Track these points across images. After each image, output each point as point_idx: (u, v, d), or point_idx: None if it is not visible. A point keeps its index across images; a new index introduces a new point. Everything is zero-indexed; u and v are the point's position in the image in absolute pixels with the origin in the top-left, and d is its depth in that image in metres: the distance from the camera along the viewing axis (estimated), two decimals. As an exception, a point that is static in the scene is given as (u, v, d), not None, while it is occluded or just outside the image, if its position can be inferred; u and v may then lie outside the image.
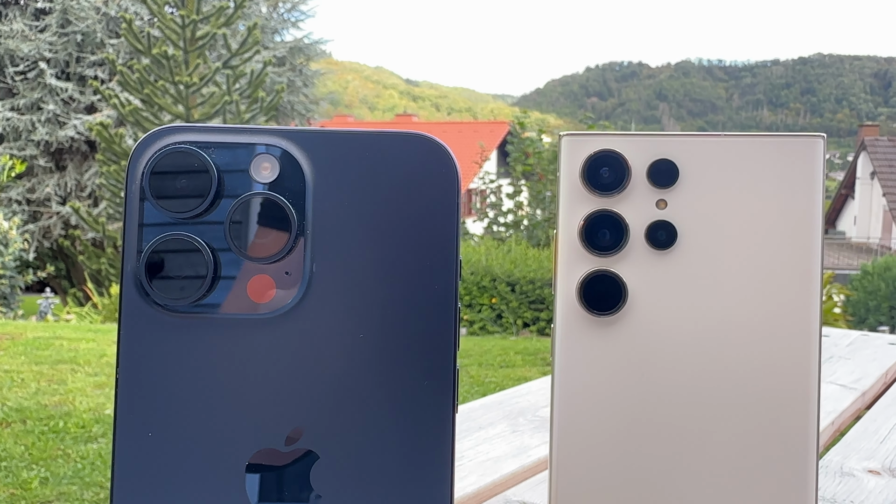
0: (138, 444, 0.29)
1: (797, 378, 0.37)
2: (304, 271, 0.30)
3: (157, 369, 0.29)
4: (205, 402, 0.29)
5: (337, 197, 0.30)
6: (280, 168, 0.30)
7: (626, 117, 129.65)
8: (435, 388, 0.30)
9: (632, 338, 0.38)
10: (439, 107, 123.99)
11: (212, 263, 0.29)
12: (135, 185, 0.29)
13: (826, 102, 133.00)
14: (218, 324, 0.30)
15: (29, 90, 12.55)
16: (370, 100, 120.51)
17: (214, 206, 0.30)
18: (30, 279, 7.85)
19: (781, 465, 0.37)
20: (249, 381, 0.30)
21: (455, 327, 0.30)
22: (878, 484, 0.64)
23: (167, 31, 8.34)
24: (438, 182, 0.31)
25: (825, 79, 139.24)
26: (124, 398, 0.29)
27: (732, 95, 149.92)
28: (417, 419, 0.30)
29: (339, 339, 0.30)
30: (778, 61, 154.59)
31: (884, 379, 1.02)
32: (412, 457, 0.30)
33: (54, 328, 5.72)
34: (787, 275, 0.37)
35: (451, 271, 0.31)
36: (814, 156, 0.38)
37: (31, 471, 2.83)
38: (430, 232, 0.30)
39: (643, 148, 0.38)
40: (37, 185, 12.66)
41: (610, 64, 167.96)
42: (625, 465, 0.38)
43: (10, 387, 3.86)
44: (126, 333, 0.29)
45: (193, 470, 0.29)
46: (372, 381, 0.30)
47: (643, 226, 0.38)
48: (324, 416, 0.30)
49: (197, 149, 0.30)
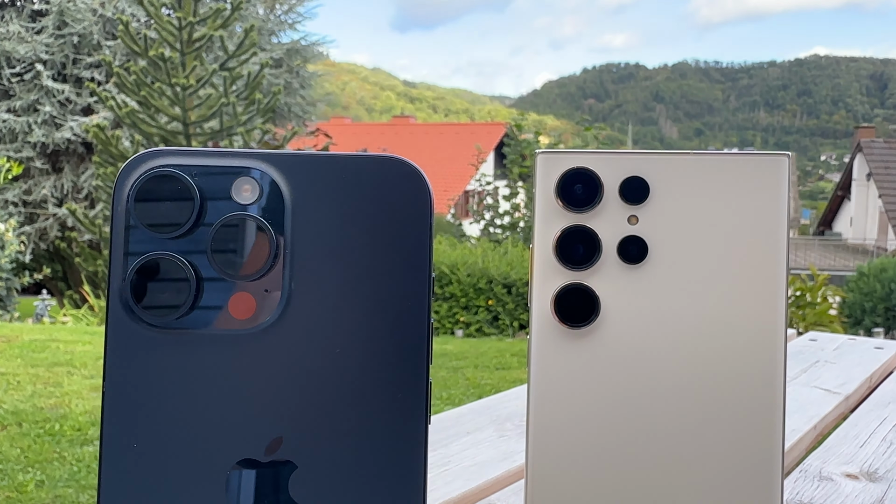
0: (124, 454, 0.31)
1: (763, 385, 0.39)
2: (284, 289, 0.31)
3: (142, 383, 0.31)
4: (188, 414, 0.31)
5: (315, 217, 0.32)
6: (260, 190, 0.32)
7: (623, 119, 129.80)
8: (408, 400, 0.32)
9: (604, 349, 0.39)
10: (436, 108, 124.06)
11: (194, 282, 0.31)
12: (121, 207, 0.31)
13: (822, 104, 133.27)
14: (200, 339, 0.31)
15: (25, 92, 12.54)
16: (367, 101, 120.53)
17: (197, 226, 0.31)
18: (26, 281, 7.85)
19: (749, 469, 0.39)
20: (230, 393, 0.31)
21: (428, 343, 0.32)
22: (856, 488, 0.66)
23: (164, 33, 8.34)
24: (412, 204, 0.32)
25: (821, 80, 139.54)
26: (110, 410, 0.31)
27: (729, 97, 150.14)
28: (391, 431, 0.32)
29: (317, 353, 0.31)
30: (774, 63, 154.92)
31: (868, 383, 1.04)
32: (386, 467, 0.31)
33: (50, 330, 5.73)
34: (754, 288, 0.39)
35: (424, 289, 0.32)
36: (779, 174, 0.39)
37: (27, 474, 2.83)
38: (404, 251, 0.32)
39: (615, 165, 0.40)
40: (33, 186, 12.65)
41: (607, 65, 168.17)
42: (598, 472, 0.39)
43: (5, 389, 3.86)
44: (112, 348, 0.31)
45: (177, 479, 0.31)
46: (348, 394, 0.31)
47: (615, 241, 0.39)
48: (301, 427, 0.31)
49: (180, 172, 0.31)
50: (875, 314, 8.74)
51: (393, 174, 0.32)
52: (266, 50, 13.67)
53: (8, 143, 12.56)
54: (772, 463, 0.39)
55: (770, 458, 0.39)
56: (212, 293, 0.31)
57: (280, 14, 15.08)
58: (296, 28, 15.17)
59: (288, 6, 14.97)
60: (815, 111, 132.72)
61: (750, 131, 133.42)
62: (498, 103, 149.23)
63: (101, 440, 0.30)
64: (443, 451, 0.73)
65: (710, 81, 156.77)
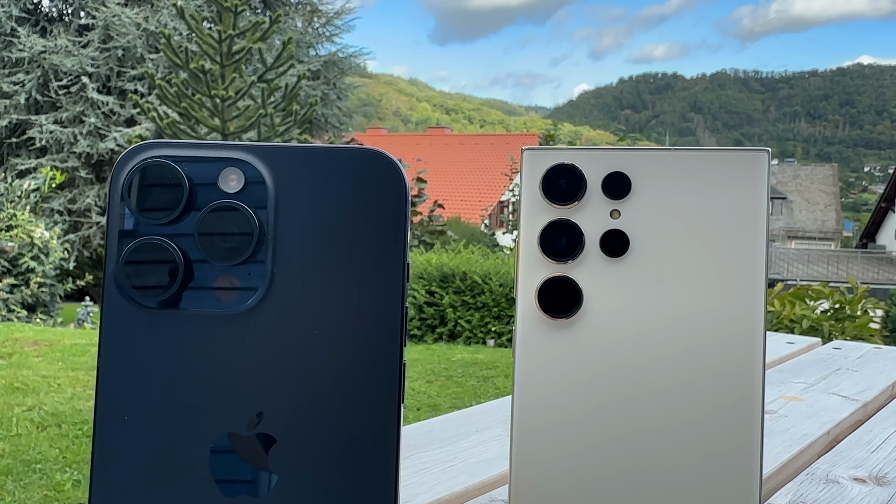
0: (116, 425, 0.33)
1: (740, 377, 0.39)
2: (266, 273, 0.33)
3: (134, 359, 0.33)
4: (175, 389, 0.33)
5: (297, 205, 0.34)
6: (245, 180, 0.34)
7: (660, 129, 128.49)
8: (382, 379, 0.33)
9: (586, 339, 0.40)
10: (472, 119, 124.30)
11: (183, 265, 0.33)
12: (116, 195, 0.33)
13: (866, 114, 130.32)
14: (188, 319, 0.33)
15: (71, 104, 12.91)
16: (403, 112, 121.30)
17: (186, 213, 0.33)
18: (69, 287, 8.05)
19: (726, 457, 0.39)
20: (215, 370, 0.33)
21: (402, 324, 0.33)
22: (862, 491, 0.65)
23: (204, 45, 8.53)
24: (389, 193, 0.34)
25: (865, 90, 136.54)
26: (104, 385, 0.33)
27: (769, 107, 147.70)
28: (365, 406, 0.33)
29: (296, 334, 0.33)
30: (816, 72, 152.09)
31: (890, 391, 1.02)
32: (359, 440, 0.33)
33: (91, 335, 5.87)
34: (733, 281, 0.40)
35: (399, 273, 0.34)
36: (758, 169, 0.40)
37: (65, 473, 2.91)
38: (381, 238, 0.34)
39: (598, 161, 0.41)
40: (77, 195, 13.00)
41: (644, 76, 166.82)
42: (579, 454, 0.40)
43: (46, 391, 3.97)
44: (106, 327, 0.33)
45: (164, 449, 0.33)
46: (325, 371, 0.33)
47: (598, 234, 0.40)
48: (281, 403, 0.33)
49: (171, 162, 0.33)
50: (920, 329, 8.50)
51: (371, 165, 0.34)
52: (304, 62, 13.88)
53: (54, 153, 12.93)
54: (750, 451, 0.39)
55: (748, 447, 0.39)
56: (199, 276, 0.33)
57: (318, 27, 15.29)
58: (333, 40, 15.37)
59: (325, 19, 15.18)
60: (858, 121, 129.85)
61: (791, 142, 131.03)
62: (534, 114, 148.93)
63: (95, 413, 0.33)
64: (451, 447, 0.74)
65: (750, 91, 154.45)
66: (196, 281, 0.33)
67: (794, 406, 0.91)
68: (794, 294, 6.63)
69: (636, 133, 26.78)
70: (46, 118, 12.86)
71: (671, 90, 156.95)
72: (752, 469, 0.40)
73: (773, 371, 1.10)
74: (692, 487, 0.40)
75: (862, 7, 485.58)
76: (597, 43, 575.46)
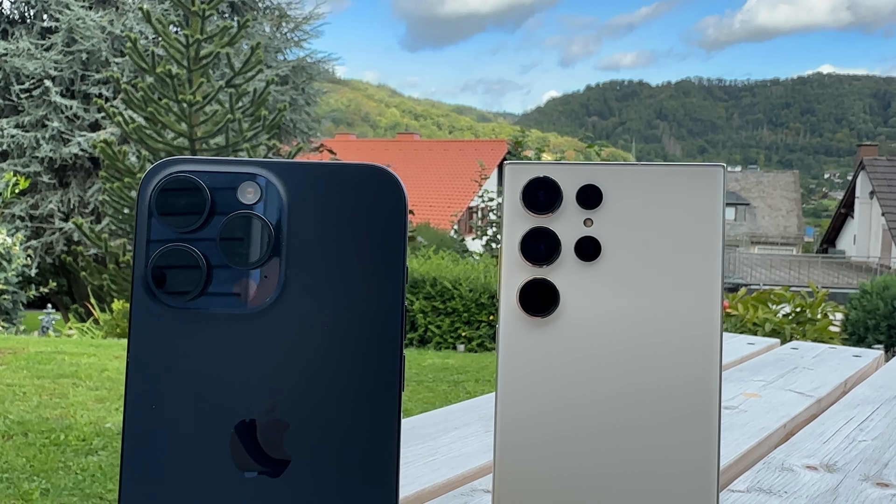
0: (144, 413, 0.36)
1: (699, 373, 0.44)
2: (280, 276, 0.37)
3: (160, 354, 0.37)
4: (198, 380, 0.37)
5: (307, 216, 0.38)
6: (261, 192, 0.38)
7: (626, 136, 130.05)
8: (384, 370, 0.37)
9: (563, 336, 0.45)
10: (441, 125, 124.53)
11: (205, 269, 0.37)
12: (144, 206, 0.37)
13: (825, 122, 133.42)
14: (209, 318, 0.37)
15: (34, 107, 12.69)
16: (372, 118, 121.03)
17: (208, 223, 0.37)
18: (32, 295, 7.91)
19: (687, 442, 0.44)
20: (234, 363, 0.37)
21: (401, 323, 0.38)
22: (814, 477, 0.70)
23: (171, 50, 8.46)
24: (390, 205, 0.38)
25: (825, 98, 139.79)
26: (133, 377, 0.36)
27: (732, 115, 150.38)
28: (369, 394, 0.37)
29: (307, 330, 0.37)
30: (778, 81, 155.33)
31: (842, 388, 1.08)
32: (364, 424, 0.37)
33: (56, 343, 5.78)
34: (693, 283, 0.44)
35: (399, 277, 0.38)
36: (714, 182, 0.45)
37: (33, 482, 2.88)
38: (382, 243, 0.38)
39: (573, 175, 0.45)
40: (40, 201, 12.77)
41: (611, 83, 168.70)
42: (559, 443, 0.44)
43: (12, 400, 3.91)
44: (135, 325, 0.37)
45: (188, 435, 0.37)
46: (333, 364, 0.37)
47: (572, 241, 0.45)
48: (294, 392, 0.37)
49: (195, 177, 0.37)
50: (878, 331, 8.74)
51: (374, 180, 0.38)
52: (272, 67, 13.80)
53: (16, 157, 12.68)
54: (709, 441, 0.44)
55: (707, 436, 0.44)
56: (220, 279, 0.37)
57: (286, 31, 15.23)
58: (302, 45, 15.33)
59: (294, 24, 15.13)
60: (818, 129, 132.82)
61: (753, 149, 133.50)
62: (503, 120, 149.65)
63: (125, 401, 0.36)
64: (431, 443, 0.78)
65: (714, 99, 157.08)
66: (216, 283, 0.37)
67: (753, 402, 0.97)
68: (757, 298, 6.80)
69: (603, 140, 27.22)
70: (8, 122, 12.62)
71: (637, 97, 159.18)
72: (710, 458, 0.44)
73: (734, 370, 1.16)
74: (657, 472, 0.44)
75: (823, 18, 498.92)
76: (566, 50, 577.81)
